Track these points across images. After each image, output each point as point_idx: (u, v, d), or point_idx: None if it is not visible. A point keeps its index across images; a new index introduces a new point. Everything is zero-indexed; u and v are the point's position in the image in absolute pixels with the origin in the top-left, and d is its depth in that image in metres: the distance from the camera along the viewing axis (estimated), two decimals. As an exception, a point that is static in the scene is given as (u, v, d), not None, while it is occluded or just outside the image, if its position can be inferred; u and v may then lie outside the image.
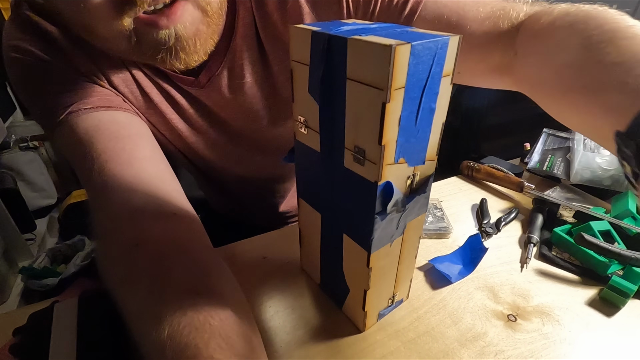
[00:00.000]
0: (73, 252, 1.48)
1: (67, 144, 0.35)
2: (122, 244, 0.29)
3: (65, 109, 0.35)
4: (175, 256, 0.28)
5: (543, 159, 0.57)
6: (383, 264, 0.30)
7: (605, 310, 0.37)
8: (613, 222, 0.43)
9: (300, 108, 0.30)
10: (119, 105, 0.37)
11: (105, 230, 0.31)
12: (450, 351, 0.32)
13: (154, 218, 0.31)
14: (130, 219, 0.31)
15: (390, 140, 0.23)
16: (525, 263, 0.42)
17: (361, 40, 0.21)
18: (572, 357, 0.32)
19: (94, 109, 0.35)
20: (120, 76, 0.38)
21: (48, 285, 1.29)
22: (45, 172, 1.77)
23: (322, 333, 0.34)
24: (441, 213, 0.49)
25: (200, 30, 0.31)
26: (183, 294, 0.26)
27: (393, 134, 0.23)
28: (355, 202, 0.28)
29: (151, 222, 0.31)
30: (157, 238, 0.29)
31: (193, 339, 0.23)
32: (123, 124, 0.37)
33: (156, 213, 0.32)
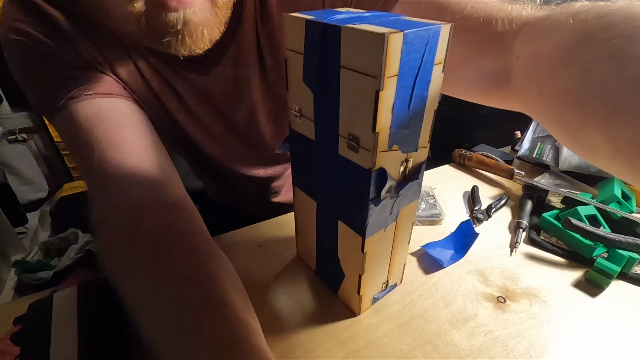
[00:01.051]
0: (66, 245, 1.47)
1: (66, 129, 0.35)
2: (122, 232, 0.30)
3: (66, 94, 0.34)
4: (174, 245, 0.29)
5: (533, 146, 0.58)
6: (377, 249, 0.31)
7: (590, 291, 0.38)
8: (599, 206, 0.45)
9: (294, 97, 0.30)
10: (120, 92, 0.37)
11: (104, 218, 0.32)
12: (442, 332, 0.34)
13: (154, 207, 0.32)
14: (130, 207, 0.31)
15: (384, 128, 0.24)
16: (515, 247, 0.43)
17: (355, 29, 0.22)
18: (558, 336, 0.34)
19: (95, 95, 0.35)
20: (122, 63, 0.38)
21: (42, 278, 1.28)
22: (35, 165, 1.74)
23: (319, 317, 0.35)
24: (433, 200, 0.50)
25: (208, 19, 0.31)
26: (182, 280, 0.27)
27: (386, 121, 0.24)
28: (350, 189, 0.28)
29: (151, 211, 0.31)
30: (157, 227, 0.30)
31: (192, 322, 0.24)
32: (124, 111, 0.37)
33: (156, 202, 0.32)
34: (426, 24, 0.23)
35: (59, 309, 0.31)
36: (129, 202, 0.31)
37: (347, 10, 0.28)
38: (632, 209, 0.46)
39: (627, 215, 0.43)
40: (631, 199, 0.47)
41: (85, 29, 0.35)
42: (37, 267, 1.32)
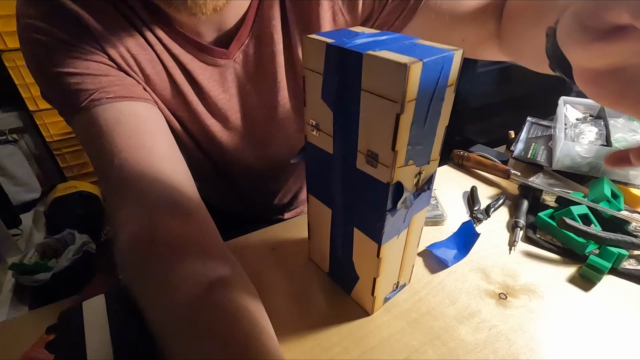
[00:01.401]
0: (63, 247, 1.46)
1: (86, 133, 0.36)
2: (139, 240, 0.31)
3: (87, 97, 0.35)
4: (189, 253, 0.30)
5: (527, 147, 0.61)
6: (391, 254, 0.33)
7: (583, 286, 0.41)
8: (590, 205, 0.48)
9: (312, 112, 0.32)
10: (139, 95, 0.38)
11: (123, 226, 0.32)
12: (450, 328, 0.36)
13: (170, 216, 0.32)
14: (147, 216, 0.32)
15: (402, 146, 0.26)
16: (513, 246, 0.46)
17: (377, 57, 0.23)
18: (555, 328, 0.37)
19: (116, 98, 0.36)
20: (146, 57, 0.38)
21: (40, 280, 1.28)
22: (26, 166, 1.71)
23: (334, 317, 0.37)
24: (436, 202, 0.52)
25: None
26: (195, 285, 0.28)
27: (404, 140, 0.26)
28: (367, 200, 0.30)
29: (167, 220, 0.32)
30: (173, 235, 0.31)
31: (204, 323, 0.25)
32: (143, 117, 0.37)
33: (172, 211, 0.33)
34: (441, 50, 0.24)
35: (89, 317, 0.33)
36: (146, 211, 0.32)
37: (363, 32, 0.29)
38: (621, 207, 0.49)
39: (615, 214, 0.46)
40: (619, 198, 0.51)
41: (110, 25, 0.35)
42: (35, 269, 1.32)
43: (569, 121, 0.58)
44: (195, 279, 0.28)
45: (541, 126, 0.65)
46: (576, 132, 0.55)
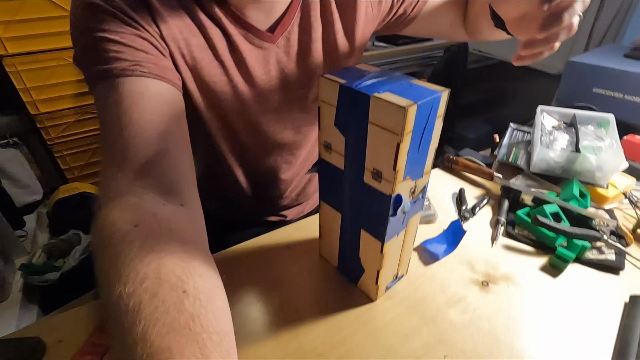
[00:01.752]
0: (69, 247, 1.51)
1: (106, 99, 0.35)
2: (123, 220, 0.27)
3: (122, 66, 0.35)
4: (169, 248, 0.27)
5: (509, 151, 0.68)
6: (392, 250, 0.40)
7: (552, 273, 0.49)
8: (561, 204, 0.55)
9: (325, 135, 0.38)
10: (170, 79, 0.39)
11: (112, 200, 0.30)
12: (441, 311, 0.44)
13: (163, 202, 0.31)
14: (140, 195, 0.30)
15: (401, 167, 0.32)
16: (495, 240, 0.53)
17: (382, 99, 0.30)
18: (529, 309, 0.44)
19: (148, 74, 0.36)
20: (196, 41, 0.42)
21: (49, 279, 1.32)
22: (28, 169, 1.75)
23: (342, 304, 0.44)
24: (428, 203, 0.60)
25: None
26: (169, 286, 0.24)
27: (403, 162, 0.32)
28: (373, 208, 0.37)
29: (158, 206, 0.30)
30: (160, 223, 0.28)
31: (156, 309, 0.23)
32: (167, 100, 0.37)
33: (167, 198, 0.31)
34: (431, 92, 0.31)
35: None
36: (139, 193, 0.30)
37: (369, 72, 0.36)
38: (587, 205, 0.57)
39: (582, 212, 0.54)
40: (587, 196, 0.58)
41: (168, 5, 0.37)
42: (43, 269, 1.36)
43: (545, 128, 0.65)
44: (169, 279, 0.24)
45: (522, 132, 0.72)
46: (551, 139, 0.62)
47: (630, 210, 0.59)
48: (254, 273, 0.48)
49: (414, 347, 0.40)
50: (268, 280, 0.47)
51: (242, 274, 0.48)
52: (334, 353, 0.39)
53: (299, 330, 0.41)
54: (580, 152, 0.57)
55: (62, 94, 1.50)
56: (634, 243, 0.53)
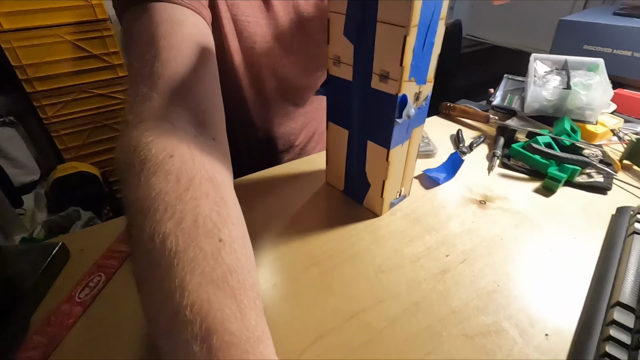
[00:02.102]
0: (69, 223, 1.52)
1: (142, 23, 0.34)
2: (158, 147, 0.26)
3: None
4: (205, 186, 0.26)
5: (504, 97, 0.71)
6: (396, 160, 0.43)
7: (545, 194, 0.52)
8: (553, 137, 0.58)
9: (334, 48, 0.41)
10: (206, 16, 0.39)
11: (143, 122, 0.28)
12: (442, 222, 0.46)
13: (195, 135, 0.29)
14: (172, 125, 0.28)
15: (407, 64, 0.35)
16: (491, 169, 0.56)
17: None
18: (521, 221, 0.47)
19: (188, 5, 0.36)
20: None
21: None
22: (25, 148, 1.74)
23: (351, 219, 0.47)
24: (428, 140, 0.62)
25: None
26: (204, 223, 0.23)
27: (409, 58, 0.35)
28: (379, 113, 0.39)
29: (191, 138, 0.29)
30: (194, 158, 0.27)
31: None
32: (203, 33, 0.37)
33: (198, 130, 0.30)
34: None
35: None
36: (173, 121, 0.29)
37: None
38: (578, 139, 0.60)
39: (574, 142, 0.57)
40: (577, 132, 0.61)
41: None
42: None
43: (538, 74, 0.68)
44: (205, 224, 0.23)
45: (516, 81, 0.75)
46: (544, 81, 0.65)
47: (618, 146, 0.63)
48: (262, 198, 0.51)
49: (418, 249, 0.42)
50: (276, 204, 0.50)
51: (249, 198, 0.50)
52: (342, 255, 0.42)
53: (309, 238, 0.44)
54: (572, 88, 0.60)
55: (59, 71, 1.49)
56: (621, 171, 0.57)
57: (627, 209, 0.47)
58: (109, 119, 1.68)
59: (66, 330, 0.34)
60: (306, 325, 0.34)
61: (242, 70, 0.55)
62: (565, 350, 0.32)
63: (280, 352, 0.31)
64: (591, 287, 0.37)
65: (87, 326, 0.35)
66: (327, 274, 0.39)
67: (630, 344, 0.30)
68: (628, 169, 0.58)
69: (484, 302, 0.36)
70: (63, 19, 1.42)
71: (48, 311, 0.36)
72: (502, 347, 0.32)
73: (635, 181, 0.55)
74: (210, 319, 0.20)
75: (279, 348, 0.32)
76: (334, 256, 0.42)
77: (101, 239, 0.44)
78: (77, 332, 0.34)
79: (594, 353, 0.30)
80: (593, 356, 0.30)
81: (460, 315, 0.35)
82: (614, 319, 0.32)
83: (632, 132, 0.64)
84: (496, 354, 0.32)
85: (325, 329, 0.34)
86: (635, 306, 0.33)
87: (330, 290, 0.37)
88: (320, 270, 0.40)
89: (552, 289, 0.38)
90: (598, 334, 0.32)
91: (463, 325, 0.34)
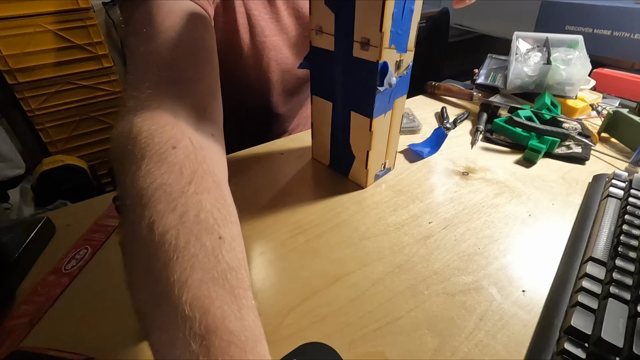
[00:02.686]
0: (57, 216, 1.49)
1: (148, 10, 0.33)
2: (161, 137, 0.26)
3: None
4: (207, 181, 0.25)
5: (487, 75, 0.72)
6: (380, 130, 0.44)
7: (526, 165, 0.53)
8: (534, 111, 0.60)
9: (316, 18, 0.41)
10: (209, 14, 0.39)
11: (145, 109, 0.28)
12: (426, 192, 0.47)
13: (195, 129, 0.29)
14: (174, 116, 0.28)
15: (387, 29, 0.35)
16: (474, 143, 0.58)
17: (367, -42, 0.33)
18: (503, 191, 0.48)
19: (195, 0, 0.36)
20: None
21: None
22: (9, 142, 1.71)
23: (336, 192, 0.48)
24: (412, 117, 0.63)
25: None
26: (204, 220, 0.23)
27: (389, 23, 0.35)
28: (361, 82, 0.40)
29: (192, 132, 0.28)
30: (195, 151, 0.26)
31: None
32: (209, 30, 0.37)
33: (198, 125, 0.30)
34: (412, -45, 0.34)
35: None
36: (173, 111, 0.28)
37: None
38: (558, 113, 0.62)
39: (554, 116, 0.59)
40: (558, 107, 0.63)
41: None
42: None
43: (520, 51, 0.69)
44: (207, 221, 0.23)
45: (499, 60, 0.76)
46: (525, 58, 0.66)
47: (597, 121, 0.64)
48: (248, 173, 0.51)
49: (402, 217, 0.43)
50: (263, 179, 0.50)
51: (236, 174, 0.51)
52: (328, 224, 0.42)
53: (295, 210, 0.45)
54: (552, 64, 0.61)
55: (41, 62, 1.46)
56: (599, 143, 0.58)
57: (603, 176, 0.48)
58: (95, 111, 1.65)
59: (53, 299, 0.34)
60: (292, 288, 0.35)
61: (251, 62, 0.57)
62: (542, 304, 0.33)
63: (266, 313, 0.32)
64: (567, 246, 0.39)
65: (73, 296, 0.35)
66: (314, 241, 0.40)
67: (600, 293, 0.31)
68: (606, 141, 0.59)
69: (464, 263, 0.37)
70: (44, 7, 1.39)
71: (35, 282, 0.36)
72: (481, 303, 0.33)
73: (613, 152, 0.57)
74: (211, 316, 0.19)
75: (265, 309, 0.33)
76: (320, 225, 0.42)
77: (87, 214, 0.44)
78: (64, 302, 0.34)
79: (567, 304, 0.32)
80: (566, 306, 0.31)
81: (442, 276, 0.36)
82: (587, 272, 0.33)
83: (609, 107, 0.66)
84: (475, 309, 0.33)
85: (311, 290, 0.34)
86: (607, 260, 0.34)
87: (317, 256, 0.38)
88: (307, 238, 0.40)
89: (530, 249, 0.39)
90: (572, 287, 0.33)
91: (444, 285, 0.35)
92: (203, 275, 0.20)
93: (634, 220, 0.38)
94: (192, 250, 0.21)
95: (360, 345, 0.30)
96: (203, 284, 0.20)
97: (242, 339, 0.19)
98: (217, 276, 0.21)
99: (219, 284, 0.21)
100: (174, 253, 0.21)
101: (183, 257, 0.21)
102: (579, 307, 0.30)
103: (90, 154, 1.74)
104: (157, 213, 0.22)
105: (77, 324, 0.32)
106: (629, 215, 0.39)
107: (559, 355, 0.27)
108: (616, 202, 0.42)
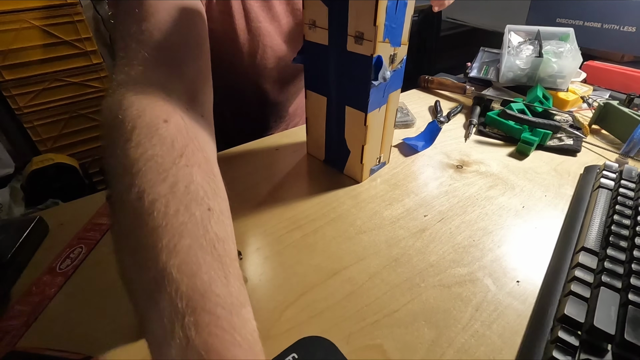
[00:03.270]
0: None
1: None
2: (153, 111, 0.26)
3: None
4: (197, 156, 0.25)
5: (480, 69, 0.73)
6: (374, 125, 0.44)
7: (519, 157, 0.54)
8: (527, 104, 0.60)
9: (310, 12, 0.41)
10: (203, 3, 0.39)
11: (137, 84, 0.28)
12: (421, 186, 0.48)
13: (186, 108, 0.29)
14: (166, 94, 0.28)
15: (381, 23, 0.35)
16: (468, 136, 0.58)
17: (360, -49, 0.32)
18: (496, 184, 0.49)
19: None
20: None
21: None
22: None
23: (332, 187, 0.48)
24: (407, 111, 0.63)
25: None
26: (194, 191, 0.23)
27: (382, 17, 0.35)
28: (356, 76, 0.40)
29: (184, 110, 0.29)
30: (187, 127, 0.27)
31: None
32: (202, 17, 0.36)
33: (189, 104, 0.30)
34: (405, -52, 0.34)
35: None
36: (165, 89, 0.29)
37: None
38: (550, 106, 0.62)
39: (546, 109, 0.59)
40: (550, 100, 0.63)
41: None
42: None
43: (512, 45, 0.69)
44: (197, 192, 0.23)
45: (492, 53, 0.76)
46: (517, 51, 0.67)
47: (588, 113, 0.65)
48: (243, 169, 0.51)
49: (397, 211, 0.44)
50: (258, 174, 0.50)
51: (231, 170, 0.50)
52: (324, 219, 0.42)
53: (291, 205, 0.45)
54: (543, 56, 0.62)
55: (28, 59, 1.43)
56: (590, 135, 0.59)
57: (594, 168, 0.49)
58: (85, 109, 1.63)
59: (48, 299, 0.34)
60: (290, 283, 0.35)
61: (246, 48, 0.56)
62: (536, 294, 0.34)
63: (264, 308, 0.33)
64: (560, 237, 0.39)
65: (69, 296, 0.35)
66: (310, 236, 0.40)
67: (592, 282, 0.32)
68: (597, 132, 0.60)
69: (459, 255, 0.38)
70: (29, 3, 1.35)
71: (29, 283, 0.35)
72: (476, 294, 0.34)
73: (603, 143, 0.57)
74: (199, 280, 0.19)
75: (263, 305, 0.33)
76: (315, 220, 0.42)
77: (80, 213, 0.44)
78: (59, 302, 0.34)
79: (560, 293, 0.32)
80: (560, 295, 0.32)
81: (438, 268, 0.36)
82: (579, 262, 0.34)
83: (600, 99, 0.66)
84: (471, 300, 0.33)
85: (308, 285, 0.35)
86: (599, 250, 0.35)
87: (313, 251, 0.38)
88: (303, 233, 0.40)
89: (524, 241, 0.40)
90: (565, 277, 0.34)
91: (440, 277, 0.36)
92: (192, 242, 0.21)
93: (624, 210, 0.39)
94: (181, 219, 0.21)
95: (358, 338, 0.30)
96: (191, 250, 0.20)
97: (228, 302, 0.19)
98: (205, 244, 0.21)
99: (206, 251, 0.21)
100: (163, 220, 0.21)
101: (172, 225, 0.21)
102: (572, 296, 0.31)
103: (81, 152, 1.71)
104: (147, 182, 0.22)
105: (74, 323, 0.32)
106: (619, 206, 0.39)
107: (553, 344, 0.27)
108: (607, 192, 0.43)
